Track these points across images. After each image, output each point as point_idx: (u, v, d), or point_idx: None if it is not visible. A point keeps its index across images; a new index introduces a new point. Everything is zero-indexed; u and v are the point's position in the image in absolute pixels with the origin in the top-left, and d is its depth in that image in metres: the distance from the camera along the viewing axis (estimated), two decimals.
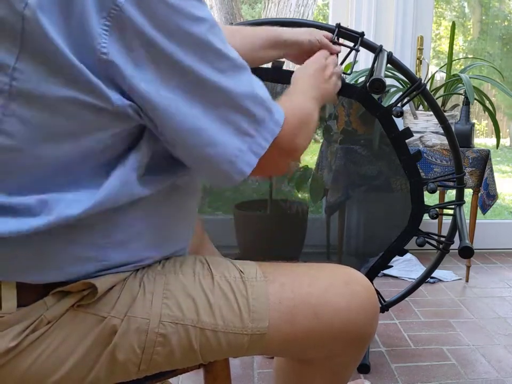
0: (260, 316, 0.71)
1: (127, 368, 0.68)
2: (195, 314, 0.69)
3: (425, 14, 2.54)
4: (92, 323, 0.66)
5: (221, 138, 0.64)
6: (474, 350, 1.64)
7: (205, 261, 0.76)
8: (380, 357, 1.57)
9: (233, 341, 0.71)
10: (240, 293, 0.72)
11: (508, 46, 3.48)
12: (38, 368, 0.65)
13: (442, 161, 2.05)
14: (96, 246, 0.66)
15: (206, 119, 0.63)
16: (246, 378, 1.45)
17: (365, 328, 0.77)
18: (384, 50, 1.15)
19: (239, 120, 0.65)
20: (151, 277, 0.71)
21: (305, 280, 0.76)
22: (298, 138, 0.73)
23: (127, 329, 0.66)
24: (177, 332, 0.68)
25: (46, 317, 0.64)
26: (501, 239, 2.72)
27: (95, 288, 0.65)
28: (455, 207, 1.32)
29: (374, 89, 0.92)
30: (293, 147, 0.73)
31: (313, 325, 0.73)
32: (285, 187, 2.16)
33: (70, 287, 0.65)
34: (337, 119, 2.06)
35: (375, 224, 2.23)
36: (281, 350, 0.77)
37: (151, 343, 0.67)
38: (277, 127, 0.68)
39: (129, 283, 0.69)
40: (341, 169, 1.99)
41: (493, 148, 2.23)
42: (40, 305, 0.65)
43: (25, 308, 0.64)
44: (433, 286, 2.21)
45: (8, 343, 0.62)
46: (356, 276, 0.79)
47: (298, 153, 0.75)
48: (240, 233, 2.13)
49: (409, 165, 1.27)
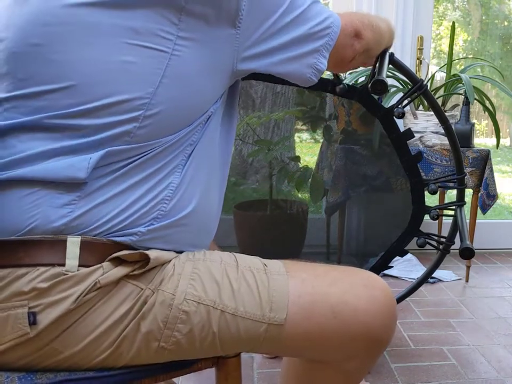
0: (278, 307, 0.73)
1: (148, 342, 0.70)
2: (218, 297, 0.72)
3: (425, 14, 2.54)
4: (130, 292, 0.69)
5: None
6: (474, 350, 1.64)
7: (233, 254, 0.80)
8: (380, 357, 1.57)
9: (251, 329, 0.73)
10: (262, 284, 0.74)
11: (508, 46, 3.48)
12: (76, 329, 0.67)
13: (442, 161, 2.05)
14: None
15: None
16: (246, 378, 1.45)
17: (383, 333, 0.78)
18: (386, 51, 1.15)
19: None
20: (181, 262, 0.74)
21: (326, 280, 0.78)
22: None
23: (154, 302, 0.69)
24: (199, 311, 0.71)
25: (100, 282, 0.66)
26: (501, 239, 2.73)
27: (147, 261, 0.69)
28: (456, 208, 1.31)
29: (376, 91, 0.92)
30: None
31: (331, 324, 0.74)
32: (285, 187, 2.16)
33: (127, 255, 0.68)
34: (337, 119, 2.06)
35: (375, 225, 2.23)
36: (296, 347, 0.78)
37: (174, 319, 0.70)
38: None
39: (165, 264, 0.73)
40: (341, 169, 1.99)
41: (493, 148, 2.23)
42: (97, 269, 0.67)
43: (85, 269, 0.66)
44: (433, 286, 2.21)
45: (69, 305, 0.65)
46: (376, 281, 0.80)
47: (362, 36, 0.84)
48: (240, 233, 2.14)
49: (410, 166, 1.27)
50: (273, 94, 2.28)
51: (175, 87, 0.70)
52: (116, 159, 0.69)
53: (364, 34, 0.84)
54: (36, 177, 0.66)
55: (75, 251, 0.66)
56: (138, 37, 0.67)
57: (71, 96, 0.67)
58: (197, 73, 0.71)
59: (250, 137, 2.17)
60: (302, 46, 0.77)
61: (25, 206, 0.66)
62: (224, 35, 0.72)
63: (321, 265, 0.82)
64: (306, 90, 2.02)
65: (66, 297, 0.65)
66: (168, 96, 0.69)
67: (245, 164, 2.33)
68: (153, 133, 0.70)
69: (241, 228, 2.14)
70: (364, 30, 0.84)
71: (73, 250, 0.66)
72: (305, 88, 1.29)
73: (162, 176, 0.72)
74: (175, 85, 0.70)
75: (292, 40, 0.76)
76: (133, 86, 0.67)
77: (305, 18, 0.76)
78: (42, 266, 0.65)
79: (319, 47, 0.78)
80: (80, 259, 0.67)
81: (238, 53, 0.74)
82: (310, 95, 2.07)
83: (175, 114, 0.71)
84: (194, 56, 0.70)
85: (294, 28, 0.76)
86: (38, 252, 0.66)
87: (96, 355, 0.69)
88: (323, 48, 0.79)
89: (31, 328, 0.64)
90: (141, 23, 0.67)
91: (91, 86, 0.66)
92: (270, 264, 0.79)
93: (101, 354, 0.69)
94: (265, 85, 2.23)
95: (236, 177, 2.34)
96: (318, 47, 0.78)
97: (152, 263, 0.70)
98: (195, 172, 0.76)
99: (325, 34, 0.78)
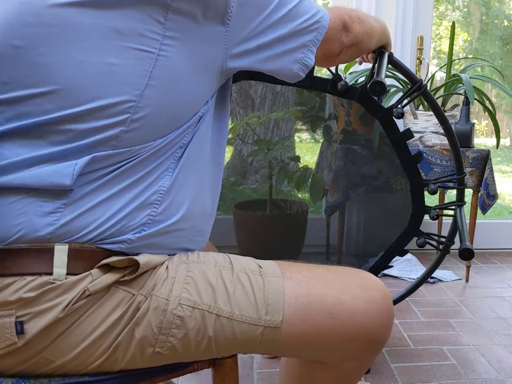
0: (274, 309, 0.73)
1: (143, 348, 0.69)
2: (212, 301, 0.71)
3: (425, 14, 2.54)
4: (121, 299, 0.68)
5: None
6: (474, 350, 1.64)
7: (227, 255, 0.79)
8: (380, 357, 1.57)
9: (247, 332, 0.72)
10: (258, 286, 0.74)
11: (508, 45, 3.47)
12: (67, 338, 0.66)
13: (442, 161, 2.05)
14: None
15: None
16: (246, 378, 1.45)
17: (380, 333, 0.77)
18: (384, 51, 1.15)
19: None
20: (175, 265, 0.73)
21: (322, 280, 0.77)
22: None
23: (148, 308, 0.68)
24: (194, 316, 0.70)
25: (89, 290, 0.66)
26: (501, 239, 2.73)
27: (137, 266, 0.68)
28: (456, 208, 1.31)
29: (374, 92, 0.91)
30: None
31: (327, 325, 0.74)
32: (285, 187, 2.16)
33: (116, 262, 0.67)
34: (337, 119, 2.06)
35: (375, 225, 2.22)
36: (293, 348, 0.77)
37: (168, 324, 0.69)
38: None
39: (158, 267, 0.72)
40: (341, 169, 1.99)
41: (493, 148, 2.22)
42: (86, 276, 0.66)
43: (74, 277, 0.66)
44: (433, 286, 2.21)
45: (58, 314, 0.64)
46: (373, 281, 0.80)
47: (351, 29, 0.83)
48: (239, 233, 2.13)
49: (410, 166, 1.27)
50: (273, 94, 2.28)
51: (163, 89, 0.68)
52: (102, 164, 0.67)
53: (351, 28, 0.83)
54: (21, 185, 0.65)
55: (63, 259, 0.65)
56: (123, 38, 0.65)
57: (56, 100, 0.65)
58: (185, 73, 0.70)
59: (250, 137, 2.17)
60: (291, 42, 0.76)
61: (11, 214, 0.65)
62: (213, 33, 0.70)
63: (317, 266, 0.81)
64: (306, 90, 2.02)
65: (55, 306, 0.64)
66: (156, 99, 0.68)
67: (245, 164, 2.33)
68: (141, 136, 0.68)
69: (240, 227, 2.14)
70: (352, 23, 0.83)
71: (60, 258, 0.65)
72: (305, 88, 1.29)
73: (151, 180, 0.70)
74: (163, 87, 0.68)
75: (281, 36, 0.75)
76: (119, 89, 0.66)
77: (294, 14, 0.76)
78: (29, 275, 0.64)
79: (307, 42, 0.78)
80: (68, 267, 0.66)
81: (227, 50, 0.72)
82: (309, 95, 2.07)
83: (163, 116, 0.69)
84: (182, 56, 0.68)
85: (283, 24, 0.75)
86: (26, 260, 0.65)
87: (90, 362, 0.68)
88: (311, 43, 0.78)
89: (18, 337, 0.63)
90: (125, 23, 0.65)
91: (76, 90, 0.65)
92: (265, 266, 0.78)
93: (95, 361, 0.68)
94: (265, 85, 2.23)
95: (236, 177, 2.33)
96: (306, 42, 0.77)
97: (143, 268, 0.69)
98: (186, 175, 0.74)
99: (313, 29, 0.78)
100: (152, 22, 0.66)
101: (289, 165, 2.15)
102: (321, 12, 0.79)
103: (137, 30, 0.65)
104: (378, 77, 0.93)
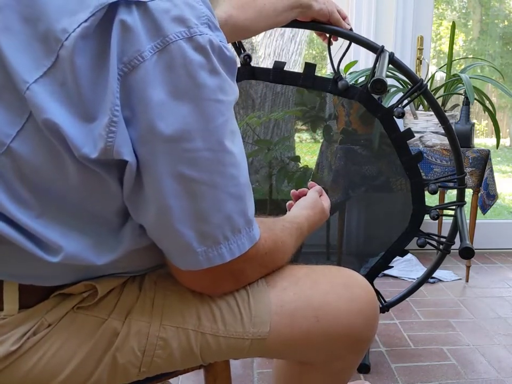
0: (261, 321, 0.71)
1: (127, 371, 0.68)
2: (196, 319, 0.69)
3: (425, 14, 2.54)
4: (93, 325, 0.66)
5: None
6: (474, 350, 1.64)
7: None
8: (380, 357, 1.57)
9: (234, 345, 0.71)
10: (242, 298, 0.71)
11: (508, 45, 3.48)
12: (39, 371, 0.64)
13: (442, 161, 2.05)
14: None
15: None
16: (246, 378, 1.45)
17: (364, 332, 0.77)
18: (385, 51, 1.15)
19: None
20: (151, 280, 0.70)
21: (307, 282, 0.75)
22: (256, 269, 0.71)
23: (128, 332, 0.66)
24: (177, 335, 0.68)
25: (47, 320, 0.64)
26: (501, 239, 2.73)
27: (95, 290, 0.65)
28: (456, 208, 1.31)
29: (375, 90, 0.91)
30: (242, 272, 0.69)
31: (314, 328, 0.73)
32: (285, 187, 2.16)
33: (71, 289, 0.65)
34: (337, 119, 2.06)
35: (375, 225, 2.23)
36: (281, 352, 0.77)
37: (151, 347, 0.67)
38: (249, 243, 0.65)
39: (128, 286, 0.69)
40: (341, 169, 1.99)
41: (493, 148, 2.22)
42: (41, 307, 0.64)
43: (27, 310, 0.64)
44: (433, 286, 2.21)
45: (9, 347, 0.62)
46: (357, 279, 0.79)
47: (242, 280, 0.71)
48: None
49: (410, 166, 1.27)
50: (273, 94, 2.28)
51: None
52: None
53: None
54: None
55: (13, 296, 0.63)
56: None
57: None
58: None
59: (250, 137, 2.17)
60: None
61: None
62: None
63: (300, 268, 0.79)
64: (306, 90, 2.02)
65: (5, 340, 0.62)
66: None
67: None
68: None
69: None
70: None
71: (10, 295, 0.63)
72: (306, 88, 1.29)
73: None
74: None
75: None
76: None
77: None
78: None
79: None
80: (20, 301, 0.63)
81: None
82: (310, 95, 2.07)
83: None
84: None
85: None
86: None
87: None
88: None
89: None
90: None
91: None
92: None
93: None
94: (265, 85, 2.23)
95: None
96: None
97: (102, 291, 0.65)
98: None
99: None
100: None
101: (289, 165, 2.15)
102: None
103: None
104: (379, 75, 0.93)
